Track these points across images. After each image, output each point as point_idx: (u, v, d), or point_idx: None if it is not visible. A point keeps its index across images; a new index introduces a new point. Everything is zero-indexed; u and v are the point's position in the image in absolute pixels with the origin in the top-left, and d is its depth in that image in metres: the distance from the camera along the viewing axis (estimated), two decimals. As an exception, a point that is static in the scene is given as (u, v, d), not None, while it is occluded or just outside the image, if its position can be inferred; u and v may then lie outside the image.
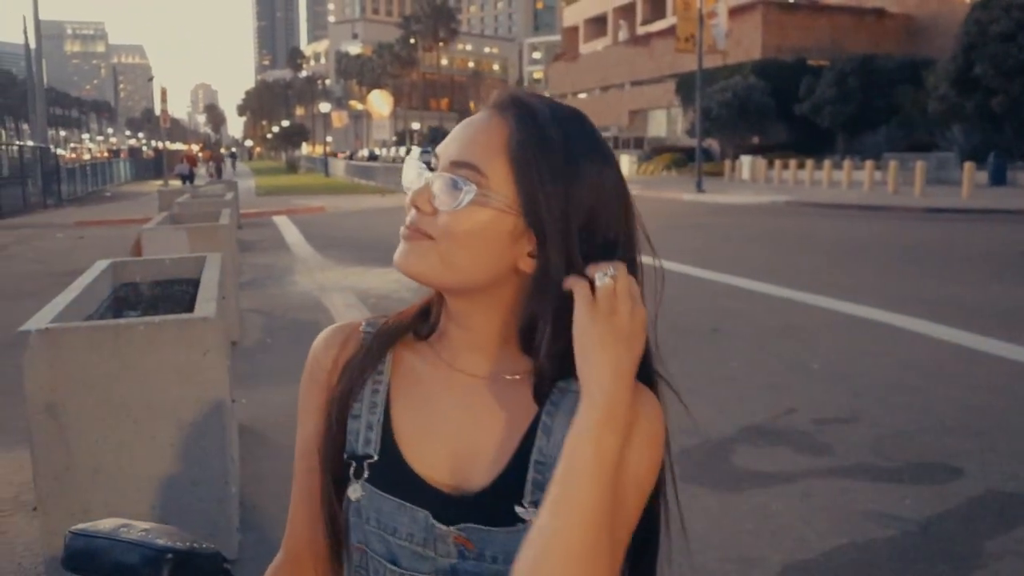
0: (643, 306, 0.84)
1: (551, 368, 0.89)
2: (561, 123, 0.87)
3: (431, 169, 0.89)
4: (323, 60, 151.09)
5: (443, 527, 0.88)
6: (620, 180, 0.90)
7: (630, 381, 0.82)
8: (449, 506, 0.88)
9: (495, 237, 0.86)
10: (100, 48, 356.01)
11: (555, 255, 0.85)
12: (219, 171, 39.72)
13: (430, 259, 0.87)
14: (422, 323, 0.98)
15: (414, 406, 0.94)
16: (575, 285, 0.82)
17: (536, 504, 0.85)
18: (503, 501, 0.87)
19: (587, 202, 0.86)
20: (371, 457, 0.92)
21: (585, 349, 0.81)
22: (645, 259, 0.93)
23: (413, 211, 0.88)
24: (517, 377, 0.91)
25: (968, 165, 22.26)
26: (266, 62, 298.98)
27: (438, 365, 0.95)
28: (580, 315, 0.81)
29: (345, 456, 0.93)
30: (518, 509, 0.86)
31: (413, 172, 0.90)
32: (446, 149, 0.88)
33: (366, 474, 0.91)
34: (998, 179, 25.48)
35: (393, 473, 0.91)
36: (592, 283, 0.82)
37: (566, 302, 0.85)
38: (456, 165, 0.85)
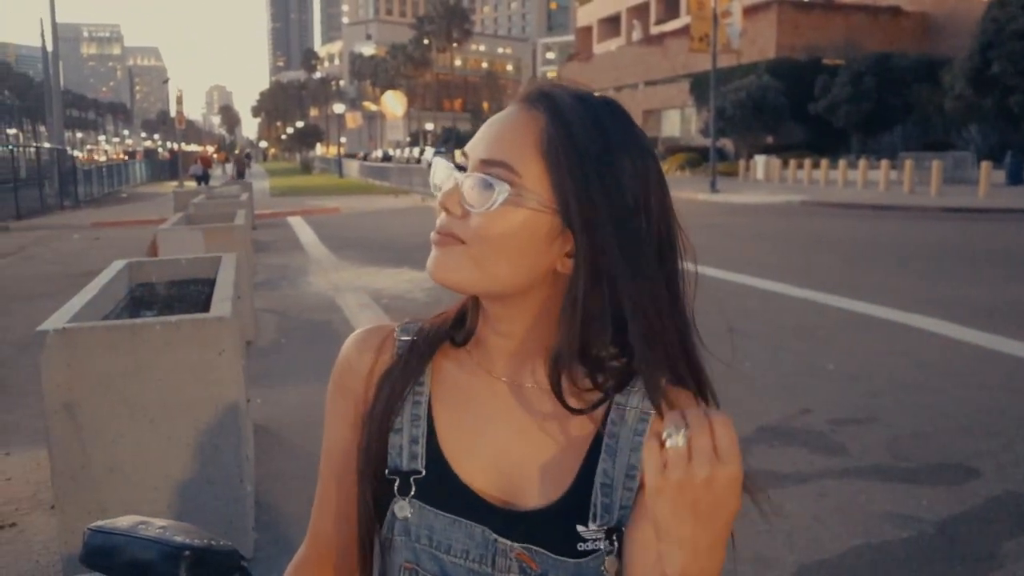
0: (732, 464, 0.68)
1: (607, 381, 0.85)
2: (595, 114, 0.82)
3: (461, 170, 0.84)
4: (337, 61, 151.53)
5: (506, 542, 0.84)
6: (661, 173, 0.85)
7: (714, 558, 0.71)
8: (507, 522, 0.85)
9: (531, 239, 0.81)
10: (116, 50, 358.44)
11: (594, 256, 0.80)
12: (240, 174, 38.54)
13: (463, 265, 0.82)
14: (459, 329, 0.94)
15: (458, 417, 0.90)
16: (645, 446, 0.71)
17: (603, 526, 0.84)
18: (565, 521, 0.84)
19: (628, 198, 0.81)
20: (418, 472, 0.88)
21: (657, 521, 0.71)
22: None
23: (443, 214, 0.84)
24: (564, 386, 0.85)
25: (985, 164, 22.08)
26: (280, 63, 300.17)
27: (477, 373, 0.91)
28: (649, 481, 0.70)
29: (387, 472, 0.89)
30: (581, 528, 0.84)
31: (442, 173, 0.86)
32: (475, 148, 0.84)
33: (413, 490, 0.87)
34: (1015, 178, 25.26)
35: (443, 488, 0.87)
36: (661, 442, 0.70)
37: (609, 307, 0.81)
38: (487, 164, 0.81)
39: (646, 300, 0.81)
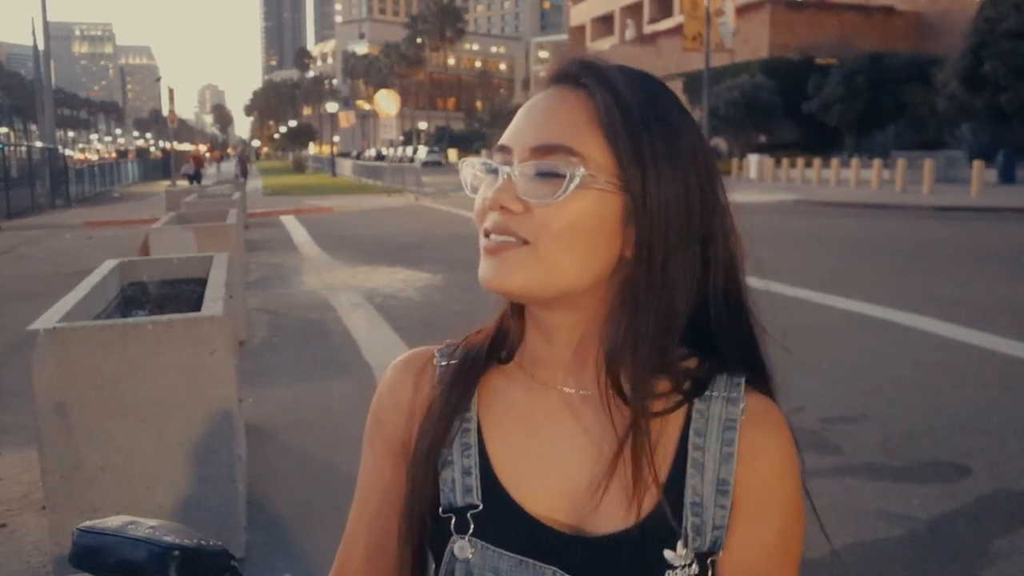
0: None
1: (682, 382, 0.79)
2: (644, 84, 0.77)
3: (493, 169, 0.76)
4: (330, 60, 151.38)
5: None
6: (711, 152, 0.79)
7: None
8: (579, 555, 0.76)
9: (601, 226, 0.74)
10: (108, 49, 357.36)
11: (670, 235, 0.74)
12: (244, 172, 38.06)
13: (530, 268, 0.74)
14: (502, 345, 0.85)
15: (514, 439, 0.81)
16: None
17: (695, 549, 0.76)
18: (648, 546, 0.76)
19: (691, 174, 0.76)
20: (476, 506, 0.79)
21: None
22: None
23: (493, 216, 0.75)
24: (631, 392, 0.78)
25: (977, 163, 22.19)
26: (273, 62, 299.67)
27: (532, 388, 0.82)
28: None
29: (442, 511, 0.81)
30: (668, 554, 0.75)
31: (474, 173, 0.79)
32: (521, 136, 0.76)
33: (472, 527, 0.79)
34: (1007, 177, 25.38)
35: (505, 521, 0.78)
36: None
37: (672, 295, 0.76)
38: (543, 150, 0.73)
39: (720, 287, 0.79)
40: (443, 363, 0.86)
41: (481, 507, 0.79)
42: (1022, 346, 6.33)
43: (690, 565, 0.75)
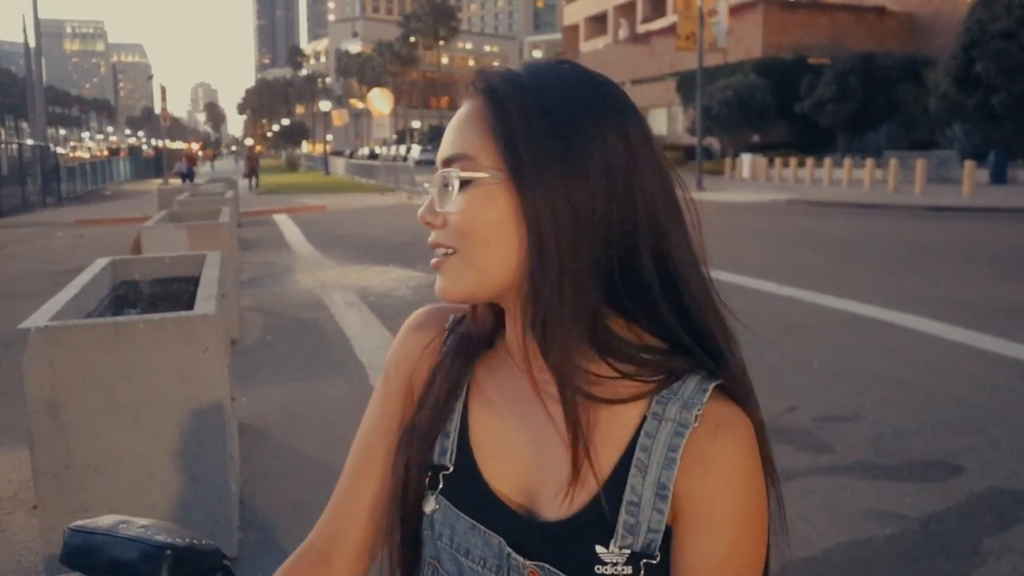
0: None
1: (632, 369, 0.79)
2: (542, 79, 0.79)
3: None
4: (323, 59, 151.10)
5: (519, 558, 0.80)
6: (649, 144, 0.79)
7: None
8: (524, 534, 0.80)
9: (503, 219, 0.77)
10: (99, 47, 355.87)
11: (561, 222, 0.75)
12: (253, 171, 35.41)
13: (463, 275, 0.80)
14: (498, 330, 0.90)
15: (492, 416, 0.86)
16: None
17: (625, 548, 0.77)
18: (583, 538, 0.78)
19: (588, 158, 0.76)
20: (447, 468, 0.86)
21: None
22: None
23: (432, 233, 0.81)
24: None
25: (969, 163, 22.26)
26: (266, 60, 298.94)
27: (515, 372, 0.85)
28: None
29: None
30: (600, 550, 0.77)
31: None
32: (440, 150, 0.82)
33: (441, 486, 0.85)
34: (999, 177, 25.48)
35: (468, 488, 0.84)
36: None
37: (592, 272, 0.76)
38: (447, 162, 0.80)
39: (672, 282, 0.81)
40: (453, 332, 0.92)
41: (451, 470, 0.85)
42: (1013, 345, 6.36)
43: (620, 564, 0.76)
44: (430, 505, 0.85)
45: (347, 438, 0.97)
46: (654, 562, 0.76)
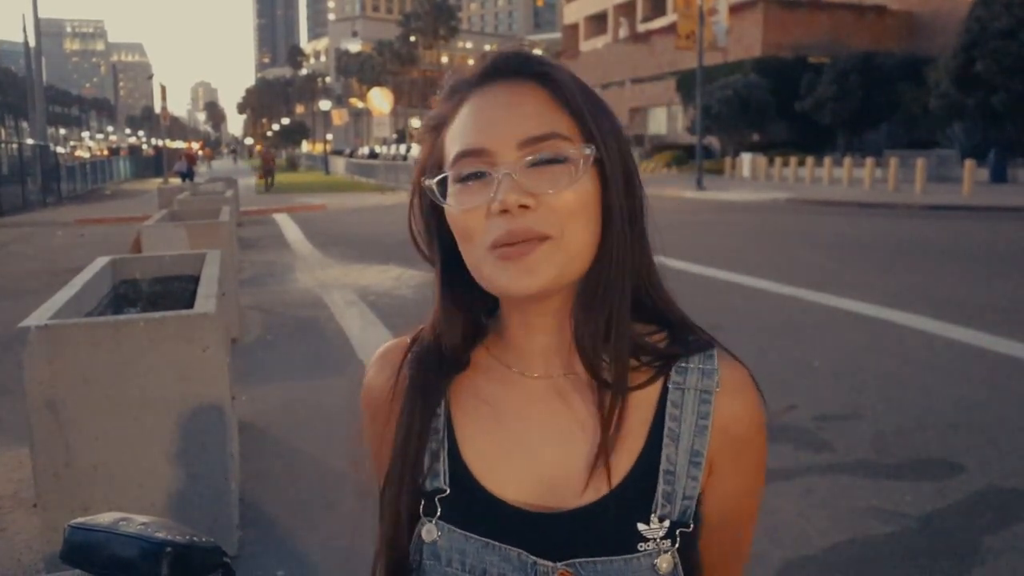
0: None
1: (652, 357, 0.81)
2: (572, 73, 0.80)
3: (476, 175, 0.75)
4: (323, 58, 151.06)
5: (546, 563, 0.77)
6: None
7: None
8: (548, 533, 0.77)
9: (596, 201, 0.76)
10: (99, 46, 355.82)
11: (625, 206, 0.78)
12: (269, 171, 34.66)
13: (557, 260, 0.74)
14: (471, 343, 0.85)
15: (483, 423, 0.82)
16: None
17: (665, 519, 0.77)
18: (621, 516, 0.77)
19: (627, 146, 0.81)
20: (442, 491, 0.81)
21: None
22: None
23: (501, 223, 0.73)
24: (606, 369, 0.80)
25: (969, 162, 22.23)
26: (266, 60, 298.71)
27: (505, 376, 0.83)
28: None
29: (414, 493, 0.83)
30: (641, 527, 0.76)
31: (433, 188, 0.79)
32: (497, 136, 0.75)
33: (439, 511, 0.80)
34: (999, 176, 25.46)
35: (472, 506, 0.79)
36: None
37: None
38: (535, 141, 0.74)
39: (647, 259, 0.83)
40: (414, 356, 0.86)
41: (448, 492, 0.81)
42: (1012, 344, 6.36)
43: (660, 537, 0.77)
44: (431, 533, 0.80)
45: (347, 437, 0.96)
46: (688, 530, 0.78)
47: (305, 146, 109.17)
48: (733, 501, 0.83)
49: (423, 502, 0.82)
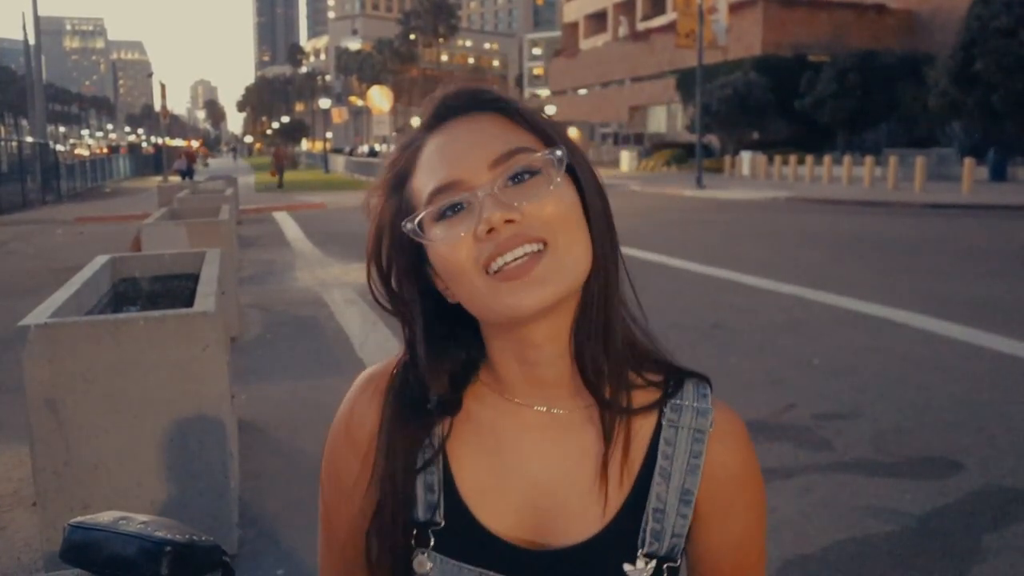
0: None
1: (649, 380, 0.82)
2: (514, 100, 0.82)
3: (454, 207, 0.74)
4: (323, 56, 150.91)
5: None
6: None
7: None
8: (538, 568, 0.78)
9: (579, 209, 0.76)
10: (99, 44, 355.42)
11: (604, 216, 0.78)
12: (281, 170, 33.57)
13: (555, 270, 0.72)
14: (460, 385, 0.83)
15: (477, 456, 0.82)
16: None
17: (652, 556, 0.77)
18: (608, 555, 0.77)
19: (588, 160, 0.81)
20: (436, 524, 0.81)
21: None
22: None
23: (492, 242, 0.72)
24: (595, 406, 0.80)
25: (968, 161, 22.25)
26: (266, 58, 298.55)
27: (502, 407, 0.82)
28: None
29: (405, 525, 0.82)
30: (627, 568, 0.77)
31: (414, 229, 0.76)
32: (466, 166, 0.74)
33: (432, 542, 0.80)
34: (998, 175, 25.48)
35: (465, 537, 0.80)
36: None
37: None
38: (502, 160, 0.74)
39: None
40: (398, 389, 0.84)
41: (442, 524, 0.80)
42: (1012, 343, 6.36)
43: (647, 573, 0.78)
44: (423, 566, 0.80)
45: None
46: (675, 565, 0.80)
47: (305, 144, 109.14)
48: (733, 543, 0.84)
49: (416, 532, 0.81)
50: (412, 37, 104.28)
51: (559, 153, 0.74)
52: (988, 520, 3.52)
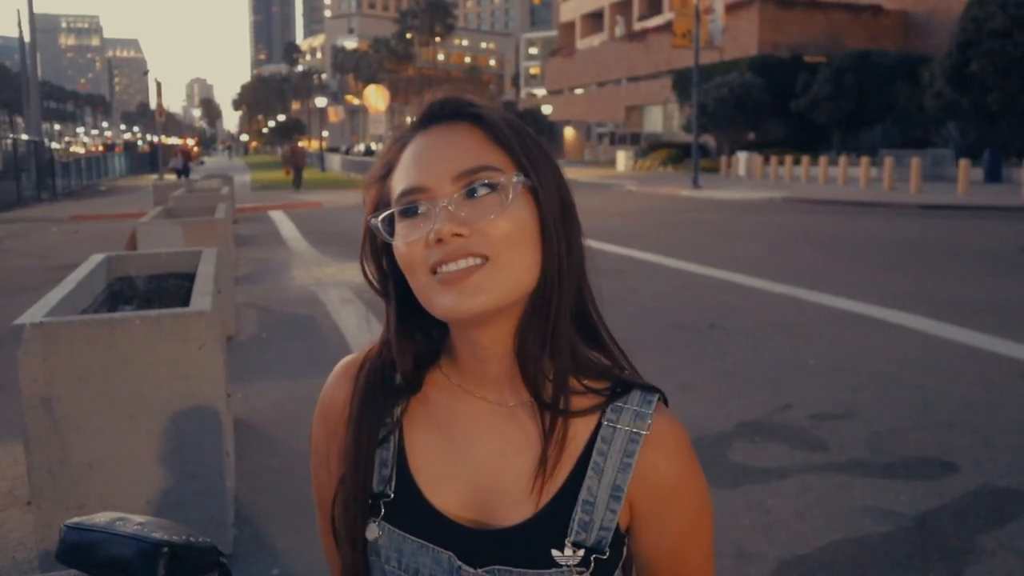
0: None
1: (593, 383, 0.87)
2: (505, 112, 0.87)
3: (412, 211, 0.82)
4: (319, 55, 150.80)
5: (470, 569, 0.84)
6: None
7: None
8: (475, 545, 0.84)
9: (532, 225, 0.81)
10: (95, 42, 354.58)
11: (560, 230, 0.83)
12: (298, 169, 32.06)
13: (495, 282, 0.79)
14: (423, 367, 0.91)
15: (430, 437, 0.89)
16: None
17: (579, 545, 0.83)
18: (538, 539, 0.83)
19: (559, 173, 0.86)
20: (387, 496, 0.88)
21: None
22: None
23: (438, 250, 0.79)
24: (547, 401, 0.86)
25: (963, 162, 22.29)
26: (262, 56, 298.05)
27: (457, 395, 0.89)
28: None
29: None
30: (555, 553, 0.83)
31: (378, 225, 0.85)
32: (433, 175, 0.81)
33: (382, 512, 0.88)
34: (993, 176, 25.53)
35: (412, 511, 0.87)
36: None
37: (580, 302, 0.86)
38: (470, 173, 0.80)
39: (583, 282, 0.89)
40: (368, 371, 0.92)
41: (392, 496, 0.88)
42: (1007, 344, 6.37)
43: (574, 564, 0.83)
44: (373, 532, 0.88)
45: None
46: (603, 557, 0.84)
47: (301, 143, 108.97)
48: (669, 547, 0.88)
49: (370, 503, 0.89)
50: (408, 36, 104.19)
51: (516, 180, 0.80)
52: (983, 520, 3.53)
